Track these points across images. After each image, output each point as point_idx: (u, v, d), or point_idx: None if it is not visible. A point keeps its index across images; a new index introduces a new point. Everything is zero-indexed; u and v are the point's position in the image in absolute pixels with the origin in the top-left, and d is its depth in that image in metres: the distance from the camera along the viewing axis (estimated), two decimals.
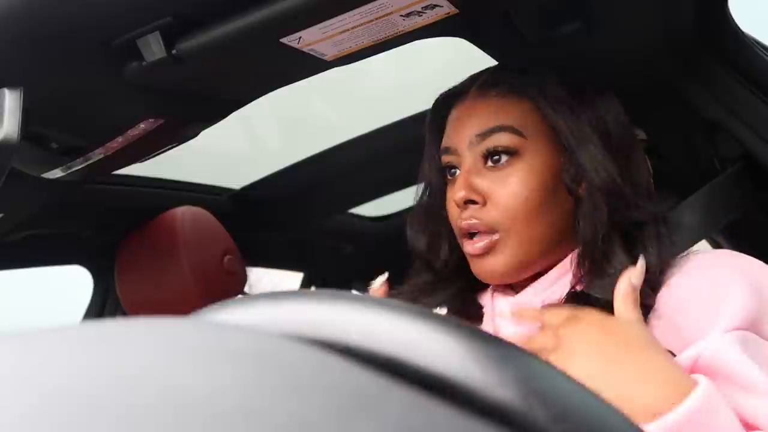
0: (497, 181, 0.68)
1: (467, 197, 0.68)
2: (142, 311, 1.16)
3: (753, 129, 0.85)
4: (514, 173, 0.68)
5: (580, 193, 0.70)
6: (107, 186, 1.09)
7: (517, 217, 0.67)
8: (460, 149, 0.71)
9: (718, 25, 0.81)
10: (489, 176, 0.69)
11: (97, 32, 0.57)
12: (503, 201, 0.68)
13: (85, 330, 0.16)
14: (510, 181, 0.68)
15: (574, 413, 0.16)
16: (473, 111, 0.72)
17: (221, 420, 0.12)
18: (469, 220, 0.68)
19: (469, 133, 0.70)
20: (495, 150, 0.69)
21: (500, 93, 0.72)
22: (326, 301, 0.19)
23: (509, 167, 0.68)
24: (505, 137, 0.69)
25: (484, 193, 0.69)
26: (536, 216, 0.68)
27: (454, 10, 0.61)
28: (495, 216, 0.68)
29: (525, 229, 0.68)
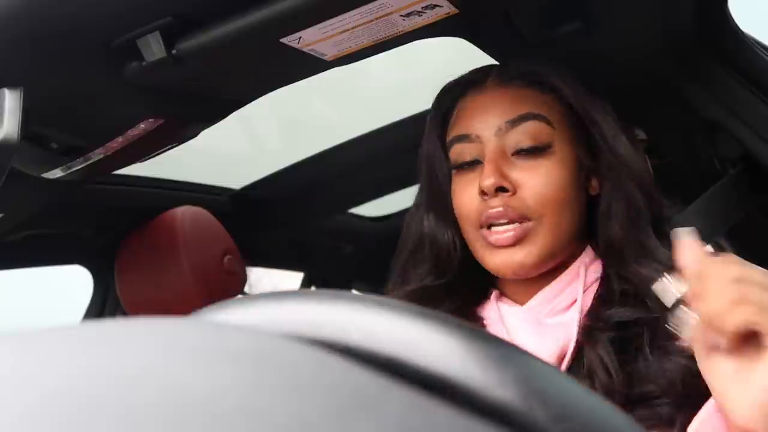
0: (527, 170, 0.66)
1: (498, 183, 0.65)
2: (142, 311, 1.16)
3: (753, 129, 0.85)
4: (545, 164, 0.67)
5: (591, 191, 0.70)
6: (107, 186, 1.09)
7: (550, 206, 0.66)
8: (485, 136, 0.68)
9: (718, 25, 0.81)
10: (517, 165, 0.67)
11: (97, 32, 0.57)
12: (535, 190, 0.66)
13: (85, 330, 0.16)
14: (541, 172, 0.66)
15: (574, 413, 0.16)
16: (498, 98, 0.70)
17: (221, 420, 0.12)
18: (499, 207, 0.65)
19: (496, 119, 0.68)
20: (527, 144, 0.67)
21: (523, 84, 0.70)
22: (326, 301, 0.19)
23: (539, 157, 0.67)
24: (536, 126, 0.67)
25: (514, 181, 0.66)
26: (566, 206, 0.67)
27: (454, 10, 0.61)
28: (528, 204, 0.66)
29: (556, 218, 0.66)
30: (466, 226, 0.70)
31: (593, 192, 0.70)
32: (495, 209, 0.66)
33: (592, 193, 0.71)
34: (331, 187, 1.42)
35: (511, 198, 0.66)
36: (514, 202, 0.66)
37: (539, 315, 0.68)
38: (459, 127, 0.71)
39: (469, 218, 0.69)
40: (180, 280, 1.11)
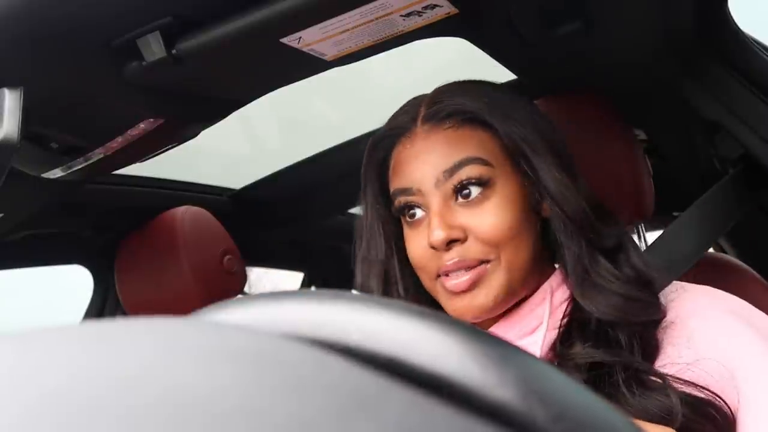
0: (473, 215, 0.65)
1: (449, 237, 0.63)
2: (142, 311, 1.16)
3: (753, 129, 0.85)
4: (489, 205, 0.65)
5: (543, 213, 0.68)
6: (107, 186, 1.09)
7: (503, 245, 0.64)
8: (425, 188, 0.66)
9: (718, 25, 0.81)
10: (462, 212, 0.65)
11: (97, 32, 0.57)
12: (485, 234, 0.64)
13: (85, 330, 0.16)
14: (487, 214, 0.65)
15: (573, 413, 0.16)
16: (431, 146, 0.67)
17: (221, 420, 0.12)
18: (454, 258, 0.64)
19: (434, 170, 0.66)
20: (466, 183, 0.65)
21: (454, 125, 0.67)
22: (326, 301, 0.19)
23: (483, 199, 0.65)
24: (475, 169, 0.65)
25: (463, 227, 0.65)
26: (519, 242, 0.65)
27: (454, 10, 0.61)
28: (481, 249, 0.64)
29: (511, 256, 0.65)
30: (423, 276, 0.69)
31: (546, 214, 0.68)
32: (450, 261, 0.64)
33: (545, 215, 0.68)
34: (331, 187, 1.42)
35: (463, 246, 0.64)
36: (468, 251, 0.64)
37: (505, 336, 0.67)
38: (399, 178, 0.69)
39: (425, 270, 0.67)
40: (180, 280, 1.11)
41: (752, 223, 1.01)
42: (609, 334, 0.63)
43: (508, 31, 0.76)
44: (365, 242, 0.76)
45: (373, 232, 0.75)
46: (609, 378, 0.60)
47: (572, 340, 0.64)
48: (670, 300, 0.66)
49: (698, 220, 0.82)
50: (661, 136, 1.09)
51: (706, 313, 0.64)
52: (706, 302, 0.65)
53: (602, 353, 0.62)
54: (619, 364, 0.61)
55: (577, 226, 0.65)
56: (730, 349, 0.61)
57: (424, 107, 0.70)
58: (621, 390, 0.59)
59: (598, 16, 0.75)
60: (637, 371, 0.60)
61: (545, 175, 0.66)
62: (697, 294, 0.67)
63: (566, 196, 0.65)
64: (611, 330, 0.63)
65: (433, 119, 0.68)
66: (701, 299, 0.66)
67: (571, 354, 0.62)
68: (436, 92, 0.71)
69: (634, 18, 0.77)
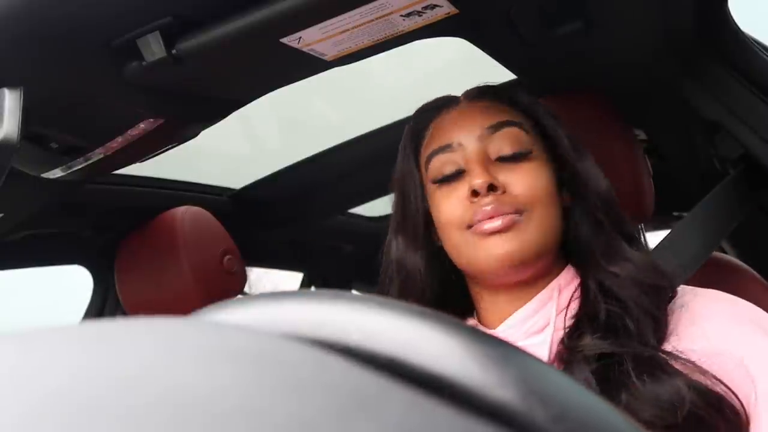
0: (513, 173, 0.68)
1: (490, 181, 0.66)
2: (142, 311, 1.16)
3: (753, 129, 0.85)
4: (528, 166, 0.69)
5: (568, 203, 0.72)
6: (107, 186, 1.09)
7: (537, 202, 0.67)
8: (466, 142, 0.69)
9: (718, 25, 0.81)
10: (501, 169, 0.68)
11: (97, 32, 0.57)
12: (523, 188, 0.67)
13: (85, 330, 0.16)
14: (525, 173, 0.68)
15: (574, 413, 0.16)
16: (474, 110, 0.72)
17: (221, 420, 0.12)
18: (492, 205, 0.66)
19: (477, 126, 0.70)
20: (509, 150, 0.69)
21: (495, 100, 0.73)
22: (326, 301, 0.19)
23: (521, 161, 0.69)
24: (516, 132, 0.69)
25: (501, 182, 0.67)
26: (550, 205, 0.68)
27: (454, 10, 0.61)
28: (517, 200, 0.67)
29: (543, 213, 0.67)
30: (451, 231, 0.69)
31: (565, 204, 0.72)
32: (487, 206, 0.66)
33: (564, 205, 0.72)
34: (331, 187, 1.42)
35: (502, 197, 0.67)
36: (505, 198, 0.67)
37: (512, 338, 0.68)
38: (438, 139, 0.72)
39: (455, 222, 0.68)
40: (180, 280, 1.11)
41: (752, 224, 1.01)
42: (618, 324, 0.63)
43: (508, 31, 0.76)
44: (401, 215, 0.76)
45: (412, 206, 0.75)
46: (619, 367, 0.60)
47: (581, 333, 0.64)
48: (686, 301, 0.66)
49: (702, 222, 0.82)
50: (661, 136, 1.09)
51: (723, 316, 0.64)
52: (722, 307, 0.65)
53: (611, 344, 0.62)
54: (629, 354, 0.61)
55: (605, 209, 0.69)
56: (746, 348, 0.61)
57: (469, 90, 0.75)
58: (631, 378, 0.59)
59: (598, 16, 0.75)
60: (647, 359, 0.60)
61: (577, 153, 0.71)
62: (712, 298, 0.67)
63: (598, 179, 0.70)
64: (620, 320, 0.64)
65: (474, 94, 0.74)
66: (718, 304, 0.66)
67: (580, 346, 0.63)
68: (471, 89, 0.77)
69: (634, 18, 0.77)
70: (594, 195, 0.70)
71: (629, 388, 0.59)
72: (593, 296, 0.66)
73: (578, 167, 0.71)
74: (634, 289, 0.65)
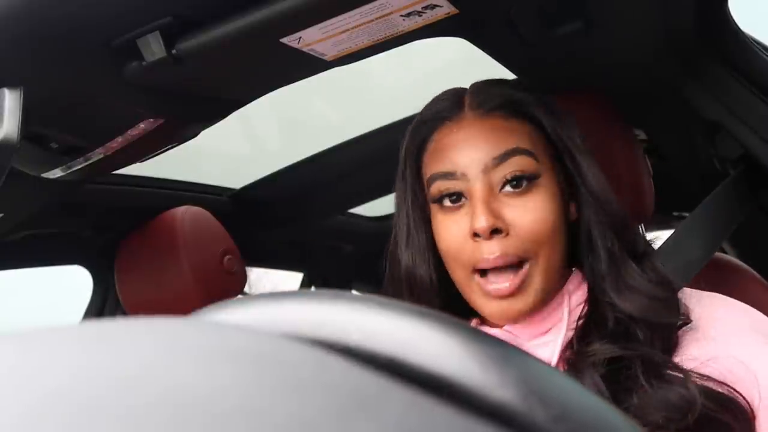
0: (519, 208, 0.63)
1: (494, 225, 0.62)
2: (142, 311, 1.16)
3: (753, 129, 0.85)
4: (535, 198, 0.64)
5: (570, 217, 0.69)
6: (107, 186, 1.09)
7: (543, 244, 0.63)
8: (471, 174, 0.64)
9: (718, 25, 0.81)
10: (507, 203, 0.64)
11: (97, 32, 0.57)
12: (528, 228, 0.63)
13: (85, 330, 0.16)
14: (531, 208, 0.64)
15: (574, 414, 0.16)
16: (480, 132, 0.66)
17: (221, 420, 0.12)
18: (496, 253, 0.62)
19: (482, 155, 0.65)
20: (517, 175, 0.64)
21: (503, 115, 0.67)
22: (326, 302, 0.19)
23: (529, 193, 0.64)
24: (524, 161, 0.64)
25: (507, 221, 0.63)
26: (557, 241, 0.65)
27: (454, 10, 0.61)
28: (521, 246, 0.63)
29: (549, 256, 0.64)
30: (455, 267, 0.67)
31: (572, 218, 0.69)
32: (492, 255, 0.62)
33: (572, 219, 0.69)
34: (331, 187, 1.42)
35: (505, 240, 0.63)
36: (510, 245, 0.63)
37: (519, 338, 0.67)
38: (441, 163, 0.67)
39: (460, 260, 0.65)
40: (180, 280, 1.11)
41: (753, 224, 1.01)
42: (627, 330, 0.63)
43: (508, 31, 0.76)
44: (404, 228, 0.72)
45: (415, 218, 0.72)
46: (627, 371, 0.60)
47: (590, 338, 0.63)
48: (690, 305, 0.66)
49: (703, 223, 0.82)
50: (661, 136, 1.09)
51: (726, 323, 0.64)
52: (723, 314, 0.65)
53: (620, 348, 0.61)
54: (638, 358, 0.60)
55: (616, 228, 0.66)
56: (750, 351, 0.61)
57: (470, 96, 0.69)
58: (640, 383, 0.59)
59: (598, 16, 0.75)
60: (655, 364, 0.60)
61: (588, 174, 0.67)
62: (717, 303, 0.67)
63: (608, 197, 0.66)
64: (629, 327, 0.63)
65: (483, 106, 0.68)
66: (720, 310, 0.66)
67: (589, 351, 0.62)
68: (479, 83, 0.71)
69: (634, 18, 0.77)
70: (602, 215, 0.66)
71: (639, 392, 0.59)
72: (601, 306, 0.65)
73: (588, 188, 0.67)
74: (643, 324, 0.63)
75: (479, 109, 0.68)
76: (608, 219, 0.66)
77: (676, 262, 0.78)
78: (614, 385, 0.60)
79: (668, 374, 0.60)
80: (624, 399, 0.59)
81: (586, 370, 0.61)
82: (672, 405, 0.57)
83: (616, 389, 0.60)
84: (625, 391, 0.59)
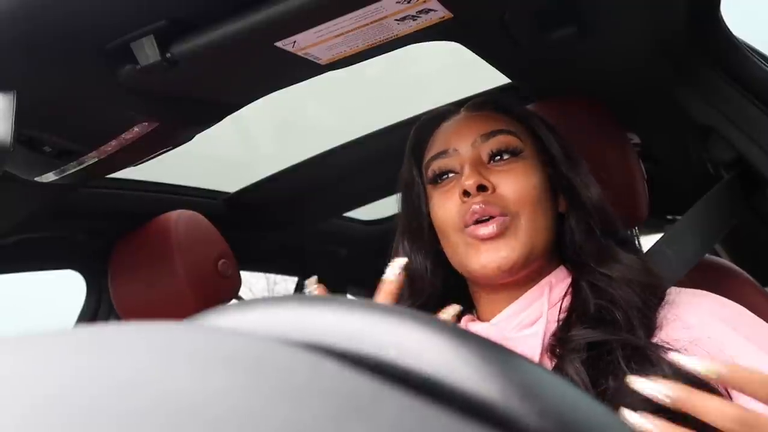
0: (503, 173, 0.72)
1: (479, 182, 0.69)
2: (136, 316, 1.15)
3: (745, 133, 0.85)
4: (518, 167, 0.72)
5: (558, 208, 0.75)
6: (101, 190, 1.09)
7: (526, 204, 0.70)
8: (461, 148, 0.73)
9: (711, 30, 0.81)
10: (494, 170, 0.72)
11: (91, 36, 0.57)
12: (513, 188, 0.70)
13: (78, 335, 0.16)
14: (516, 174, 0.71)
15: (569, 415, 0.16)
16: (472, 120, 0.76)
17: (215, 425, 0.12)
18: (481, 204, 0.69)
19: (472, 134, 0.74)
20: (500, 150, 0.73)
21: (495, 110, 0.76)
22: (320, 306, 0.19)
23: (512, 164, 0.72)
24: (509, 138, 0.73)
25: (492, 183, 0.71)
26: (540, 207, 0.71)
27: (448, 14, 0.61)
28: (507, 201, 0.70)
29: (533, 215, 0.70)
30: (447, 231, 0.73)
31: (560, 209, 0.75)
32: (477, 205, 0.69)
33: (560, 210, 0.75)
34: (325, 191, 1.42)
35: (491, 195, 0.70)
36: (494, 198, 0.70)
37: (505, 330, 0.71)
38: (436, 146, 0.76)
39: (451, 222, 0.72)
40: (174, 284, 1.11)
41: (745, 227, 1.01)
42: (607, 317, 0.66)
43: (502, 35, 0.76)
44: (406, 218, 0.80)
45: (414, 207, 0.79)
46: (608, 356, 0.63)
47: (571, 326, 0.67)
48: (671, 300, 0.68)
49: (696, 225, 0.83)
50: (655, 139, 1.10)
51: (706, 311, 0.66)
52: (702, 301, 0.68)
53: (600, 332, 0.64)
54: (617, 342, 0.63)
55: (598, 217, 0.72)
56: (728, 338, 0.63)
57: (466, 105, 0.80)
58: (621, 367, 0.61)
59: (592, 20, 0.75)
60: (635, 348, 0.62)
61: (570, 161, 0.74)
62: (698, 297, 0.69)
63: (588, 183, 0.74)
64: (610, 311, 0.66)
65: (474, 105, 0.79)
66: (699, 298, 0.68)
67: (571, 337, 0.65)
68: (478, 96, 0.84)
69: (628, 22, 0.78)
70: (587, 204, 0.73)
71: (618, 376, 0.61)
72: (584, 294, 0.69)
73: (571, 177, 0.74)
74: (624, 287, 0.67)
75: (472, 107, 0.79)
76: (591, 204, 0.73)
77: (666, 261, 0.79)
78: (594, 370, 0.63)
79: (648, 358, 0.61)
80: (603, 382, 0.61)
81: (567, 356, 0.64)
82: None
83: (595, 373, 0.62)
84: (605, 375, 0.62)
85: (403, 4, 0.58)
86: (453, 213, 0.72)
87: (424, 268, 0.77)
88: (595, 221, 0.72)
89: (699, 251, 0.82)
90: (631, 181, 0.88)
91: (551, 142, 0.75)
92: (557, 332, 0.67)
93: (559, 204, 0.75)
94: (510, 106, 0.78)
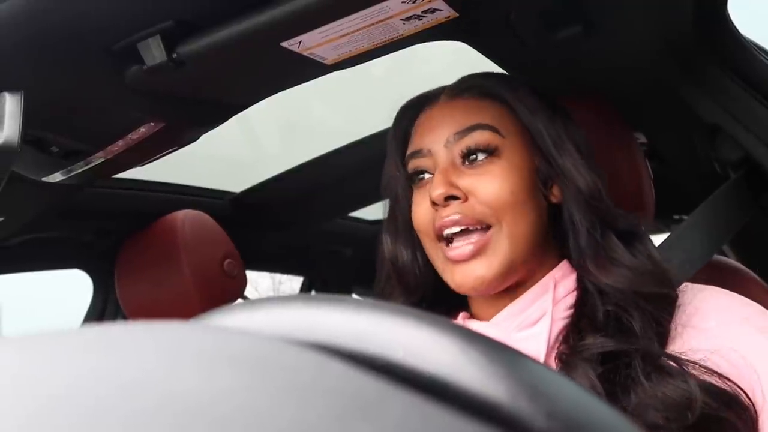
0: (477, 178, 0.66)
1: (447, 193, 0.65)
2: (142, 315, 1.15)
3: (752, 132, 0.85)
4: (495, 170, 0.66)
5: (552, 199, 0.70)
6: (108, 190, 1.09)
7: (504, 210, 0.65)
8: (435, 149, 0.69)
9: (718, 28, 0.81)
10: (468, 174, 0.67)
11: (97, 36, 0.57)
12: (486, 194, 0.65)
13: (85, 334, 0.16)
14: (491, 178, 0.66)
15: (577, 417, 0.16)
16: (447, 112, 0.70)
17: (222, 424, 0.12)
18: (452, 216, 0.65)
19: (446, 132, 0.68)
20: (474, 149, 0.67)
21: (473, 95, 0.71)
22: (326, 306, 0.19)
23: (488, 165, 0.67)
24: (484, 135, 0.67)
25: (465, 189, 0.66)
26: (521, 211, 0.66)
27: (454, 14, 0.61)
28: (480, 210, 0.65)
29: (513, 223, 0.65)
30: (424, 239, 0.70)
31: (554, 200, 0.70)
32: (448, 217, 0.65)
33: (554, 201, 0.70)
34: (331, 191, 1.42)
35: (464, 205, 0.65)
36: (466, 208, 0.65)
37: (506, 330, 0.67)
38: (414, 143, 0.72)
39: (424, 230, 0.68)
40: (180, 283, 1.11)
41: (753, 226, 1.01)
42: (622, 323, 0.62)
43: (507, 35, 0.76)
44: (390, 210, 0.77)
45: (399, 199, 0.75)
46: (626, 368, 0.59)
47: (583, 332, 0.62)
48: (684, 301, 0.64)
49: (702, 225, 0.82)
50: (661, 138, 1.09)
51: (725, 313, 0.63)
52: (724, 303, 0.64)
53: (616, 342, 0.60)
54: (636, 352, 0.59)
55: (591, 202, 0.67)
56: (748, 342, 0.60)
57: (452, 84, 0.74)
58: (639, 379, 0.58)
59: (598, 19, 0.75)
60: (654, 358, 0.59)
61: (559, 149, 0.68)
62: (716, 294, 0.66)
63: (579, 171, 0.67)
64: (623, 320, 0.62)
65: (455, 90, 0.73)
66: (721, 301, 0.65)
67: (584, 345, 0.61)
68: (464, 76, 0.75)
69: (634, 21, 0.77)
70: (580, 194, 0.67)
71: (637, 389, 0.57)
72: (592, 296, 0.65)
73: (559, 164, 0.68)
74: (631, 298, 0.62)
75: (452, 92, 0.73)
76: (580, 192, 0.67)
77: (672, 262, 0.78)
78: (611, 383, 0.59)
79: (667, 368, 0.58)
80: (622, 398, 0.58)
81: (579, 366, 0.60)
82: (671, 402, 0.56)
83: (612, 387, 0.59)
84: (624, 390, 0.58)
85: (409, 3, 0.57)
86: (426, 218, 0.68)
87: (412, 263, 0.73)
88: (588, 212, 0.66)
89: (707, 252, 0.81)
90: (637, 180, 0.88)
91: (538, 130, 0.69)
92: (570, 337, 0.63)
93: (552, 194, 0.70)
94: (494, 88, 0.71)
